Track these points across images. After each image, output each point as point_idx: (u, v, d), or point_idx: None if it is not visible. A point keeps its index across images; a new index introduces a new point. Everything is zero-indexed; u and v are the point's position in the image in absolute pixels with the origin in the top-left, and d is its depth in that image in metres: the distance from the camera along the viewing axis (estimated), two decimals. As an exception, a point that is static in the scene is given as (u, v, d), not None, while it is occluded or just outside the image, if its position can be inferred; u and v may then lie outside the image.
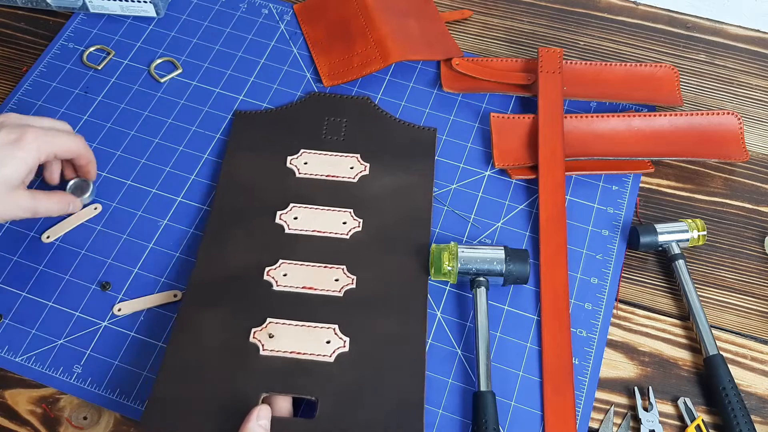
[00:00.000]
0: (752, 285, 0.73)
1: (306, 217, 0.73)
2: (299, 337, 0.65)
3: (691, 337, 0.70)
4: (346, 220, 0.72)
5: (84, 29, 0.87)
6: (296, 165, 0.76)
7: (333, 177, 0.75)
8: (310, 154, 0.76)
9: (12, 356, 0.67)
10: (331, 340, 0.65)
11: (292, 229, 0.72)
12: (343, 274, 0.69)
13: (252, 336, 0.65)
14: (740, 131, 0.78)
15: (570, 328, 0.69)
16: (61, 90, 0.83)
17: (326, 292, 0.68)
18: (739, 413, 0.63)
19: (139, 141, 0.79)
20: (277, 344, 0.65)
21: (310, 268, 0.70)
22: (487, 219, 0.75)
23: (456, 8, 0.91)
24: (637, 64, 0.84)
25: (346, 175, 0.75)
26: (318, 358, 0.64)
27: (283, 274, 0.69)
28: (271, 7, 0.90)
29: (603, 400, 0.67)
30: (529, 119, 0.79)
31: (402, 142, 0.78)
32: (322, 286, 0.69)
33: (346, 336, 0.66)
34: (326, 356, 0.65)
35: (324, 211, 0.73)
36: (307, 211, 0.73)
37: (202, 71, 0.84)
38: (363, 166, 0.76)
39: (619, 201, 0.76)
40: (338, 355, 0.65)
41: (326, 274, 0.69)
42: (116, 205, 0.75)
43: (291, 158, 0.76)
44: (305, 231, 0.72)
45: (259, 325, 0.66)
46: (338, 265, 0.70)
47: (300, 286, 0.69)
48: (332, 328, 0.66)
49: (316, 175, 0.75)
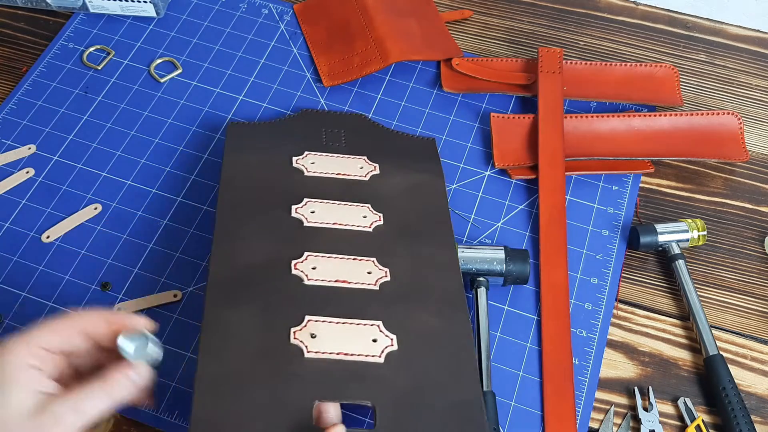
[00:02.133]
0: (752, 285, 0.73)
1: (323, 210, 0.68)
2: (344, 336, 0.60)
3: (691, 337, 0.70)
4: (365, 214, 0.68)
5: (84, 29, 0.87)
6: (303, 164, 0.72)
7: (344, 175, 0.72)
8: (315, 155, 0.73)
9: (12, 356, 0.67)
10: (377, 339, 0.60)
11: (311, 222, 0.67)
12: (375, 266, 0.64)
13: (293, 337, 0.59)
14: (740, 131, 0.78)
15: (570, 328, 0.69)
16: (61, 90, 0.83)
17: (362, 285, 0.63)
18: (739, 413, 0.63)
19: (139, 141, 0.79)
20: (321, 345, 0.59)
21: (340, 261, 0.64)
22: (487, 219, 0.75)
23: (456, 8, 0.91)
24: (637, 64, 0.84)
25: (357, 173, 0.72)
26: (368, 359, 0.59)
27: (312, 267, 0.63)
28: (271, 7, 0.90)
29: (603, 400, 0.67)
30: (529, 119, 0.79)
31: (405, 149, 0.77)
32: (356, 279, 0.63)
33: (393, 333, 0.61)
34: (376, 356, 0.59)
35: (341, 205, 0.69)
36: (323, 205, 0.68)
37: (202, 71, 0.84)
38: (372, 166, 0.73)
39: (619, 201, 0.76)
40: (387, 354, 0.59)
41: (357, 266, 0.64)
42: (116, 205, 0.75)
43: (296, 158, 0.72)
44: (326, 224, 0.67)
45: (297, 324, 0.60)
46: (367, 258, 0.65)
47: (333, 279, 0.63)
48: (376, 325, 0.61)
49: (326, 173, 0.71)
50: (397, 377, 0.58)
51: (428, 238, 0.68)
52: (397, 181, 0.72)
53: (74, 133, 0.80)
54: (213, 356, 0.58)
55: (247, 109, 0.82)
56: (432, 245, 0.67)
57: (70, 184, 0.76)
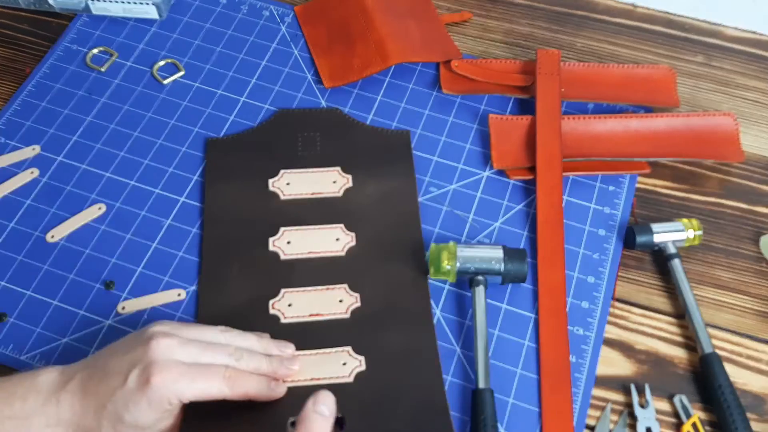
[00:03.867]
0: (747, 284, 0.73)
1: (298, 239, 0.73)
2: (316, 365, 0.66)
3: (687, 335, 0.70)
4: (338, 237, 0.73)
5: (87, 31, 0.88)
6: (279, 188, 0.75)
7: (318, 194, 0.75)
8: (290, 174, 0.76)
9: (17, 354, 0.68)
10: (347, 362, 0.66)
11: (287, 255, 0.72)
12: (346, 293, 0.70)
13: None
14: (736, 132, 0.79)
15: (567, 326, 0.70)
16: (64, 91, 0.83)
17: (333, 315, 0.69)
18: (734, 411, 0.64)
19: (142, 142, 0.80)
20: (296, 375, 0.65)
21: (313, 294, 0.70)
22: (485, 219, 0.76)
23: (455, 10, 0.92)
24: (634, 66, 0.84)
25: (331, 190, 0.76)
26: (338, 380, 0.65)
27: (288, 305, 0.69)
28: (272, 9, 0.90)
29: (600, 398, 0.67)
30: (527, 120, 0.80)
31: (378, 148, 0.78)
32: (328, 310, 0.69)
33: (361, 355, 0.66)
34: (345, 377, 0.65)
35: (315, 230, 0.73)
36: (298, 233, 0.73)
37: (204, 73, 0.85)
38: (345, 178, 0.76)
39: (615, 201, 0.77)
40: (357, 374, 0.65)
41: (330, 296, 0.70)
42: (120, 205, 0.76)
43: (272, 181, 0.76)
44: (301, 255, 0.72)
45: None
46: (339, 285, 0.70)
47: (307, 314, 0.69)
48: (346, 350, 0.67)
49: (301, 195, 0.75)
50: (366, 391, 0.64)
51: (399, 251, 0.72)
52: (370, 192, 0.76)
53: (78, 134, 0.80)
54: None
55: (248, 111, 0.82)
56: (402, 259, 0.72)
57: (74, 184, 0.77)
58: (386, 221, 0.74)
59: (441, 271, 0.69)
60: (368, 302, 0.69)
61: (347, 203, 0.75)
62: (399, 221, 0.74)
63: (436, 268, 0.69)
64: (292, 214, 0.74)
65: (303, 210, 0.74)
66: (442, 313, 0.70)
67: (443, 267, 0.68)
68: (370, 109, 0.82)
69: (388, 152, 0.78)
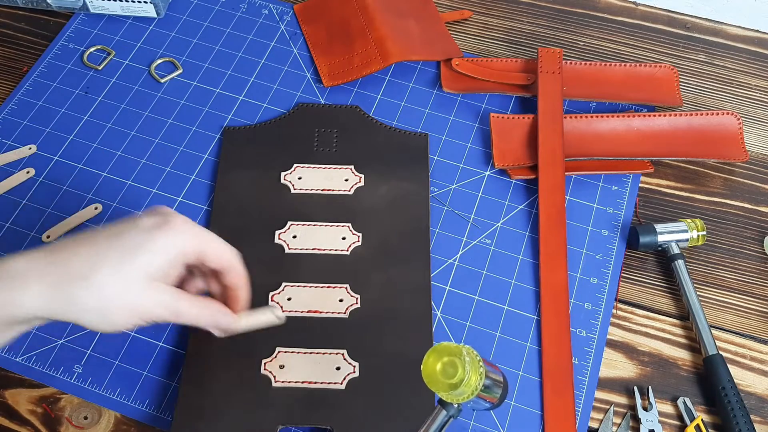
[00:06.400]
0: (751, 285, 0.73)
1: (305, 234, 0.72)
2: (310, 366, 0.65)
3: (691, 336, 0.70)
4: (345, 236, 0.72)
5: (84, 29, 0.87)
6: (290, 181, 0.75)
7: (328, 191, 0.75)
8: (303, 168, 0.76)
9: (12, 356, 0.68)
10: (341, 367, 0.65)
11: (292, 249, 0.71)
12: (347, 293, 0.69)
13: (263, 368, 0.65)
14: (740, 131, 0.79)
15: (569, 327, 0.69)
16: (61, 90, 0.83)
17: (332, 314, 0.68)
18: (738, 413, 0.64)
19: (139, 141, 0.80)
20: (288, 375, 0.65)
21: (314, 290, 0.69)
22: (487, 219, 0.75)
23: (456, 8, 0.91)
24: (636, 65, 0.84)
25: (342, 187, 0.75)
26: (330, 386, 0.64)
27: (288, 299, 0.69)
28: (271, 8, 0.90)
29: (602, 400, 0.67)
30: (528, 119, 0.80)
31: (394, 150, 0.78)
32: (327, 308, 0.68)
33: (356, 361, 0.66)
34: (338, 383, 0.64)
35: (322, 227, 0.73)
36: (305, 228, 0.72)
37: (202, 71, 0.84)
38: (358, 177, 0.76)
39: (618, 201, 0.76)
40: (349, 381, 0.65)
41: (330, 294, 0.69)
42: (117, 205, 0.75)
43: (285, 174, 0.76)
44: (306, 250, 0.71)
45: (269, 356, 0.66)
46: (341, 284, 0.69)
47: (306, 310, 0.68)
48: (341, 353, 0.66)
49: (312, 190, 0.75)
50: (356, 402, 0.64)
51: (404, 257, 0.71)
52: (381, 193, 0.75)
53: (75, 133, 0.80)
54: (193, 386, 0.64)
55: (247, 110, 0.82)
56: (406, 265, 0.71)
57: (70, 184, 0.77)
58: (395, 225, 0.73)
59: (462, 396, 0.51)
60: (368, 305, 0.69)
61: (357, 202, 0.74)
62: (408, 226, 0.73)
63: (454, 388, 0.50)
64: (300, 208, 0.74)
65: (312, 205, 0.74)
66: (443, 315, 0.70)
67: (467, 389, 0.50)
68: (370, 109, 0.82)
69: (404, 155, 0.78)
